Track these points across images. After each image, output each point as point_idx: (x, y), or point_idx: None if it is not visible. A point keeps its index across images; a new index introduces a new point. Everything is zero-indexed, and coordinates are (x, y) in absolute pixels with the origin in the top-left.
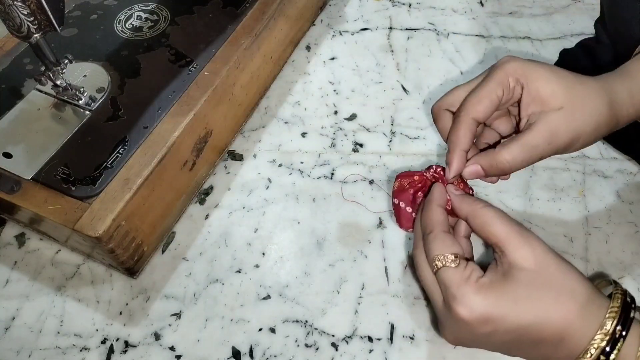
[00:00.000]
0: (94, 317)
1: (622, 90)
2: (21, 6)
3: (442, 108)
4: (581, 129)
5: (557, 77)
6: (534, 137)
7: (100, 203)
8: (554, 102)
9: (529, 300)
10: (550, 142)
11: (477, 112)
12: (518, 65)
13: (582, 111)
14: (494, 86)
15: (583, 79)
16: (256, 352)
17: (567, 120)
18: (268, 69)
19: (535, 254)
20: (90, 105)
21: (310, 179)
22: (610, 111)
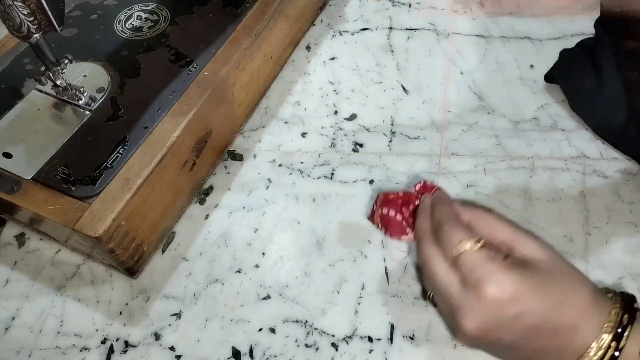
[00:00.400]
0: (94, 317)
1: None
2: (21, 6)
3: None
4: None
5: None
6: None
7: (100, 203)
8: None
9: (551, 285)
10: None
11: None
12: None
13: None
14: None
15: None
16: (256, 352)
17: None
18: (268, 69)
19: (544, 248)
20: (90, 105)
21: (310, 179)
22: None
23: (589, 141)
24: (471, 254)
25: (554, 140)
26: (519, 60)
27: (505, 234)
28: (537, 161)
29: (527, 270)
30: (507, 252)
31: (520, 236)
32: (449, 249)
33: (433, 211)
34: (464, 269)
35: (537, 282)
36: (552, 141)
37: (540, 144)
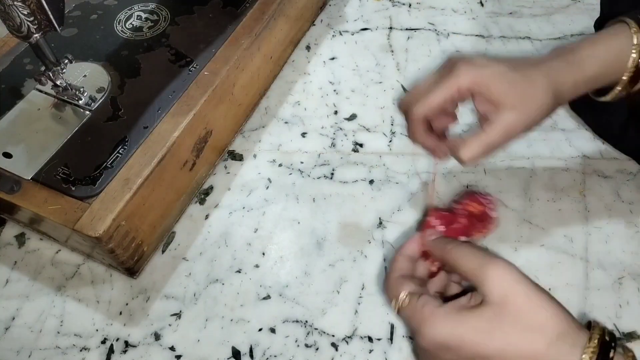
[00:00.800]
0: (94, 317)
1: (568, 81)
2: (21, 6)
3: (403, 108)
4: (532, 121)
5: (507, 83)
6: (492, 136)
7: (100, 203)
8: (506, 103)
9: (492, 332)
10: (506, 137)
11: (426, 113)
12: (470, 76)
13: (532, 108)
14: (444, 92)
15: (531, 76)
16: (256, 352)
17: (520, 118)
18: (268, 69)
19: (503, 287)
20: (90, 105)
21: (310, 179)
22: (554, 101)
23: (589, 141)
24: (403, 312)
25: (554, 140)
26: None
27: (468, 271)
28: (537, 161)
29: (469, 316)
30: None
31: (481, 273)
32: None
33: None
34: (406, 323)
35: (473, 329)
36: (552, 141)
37: (540, 144)
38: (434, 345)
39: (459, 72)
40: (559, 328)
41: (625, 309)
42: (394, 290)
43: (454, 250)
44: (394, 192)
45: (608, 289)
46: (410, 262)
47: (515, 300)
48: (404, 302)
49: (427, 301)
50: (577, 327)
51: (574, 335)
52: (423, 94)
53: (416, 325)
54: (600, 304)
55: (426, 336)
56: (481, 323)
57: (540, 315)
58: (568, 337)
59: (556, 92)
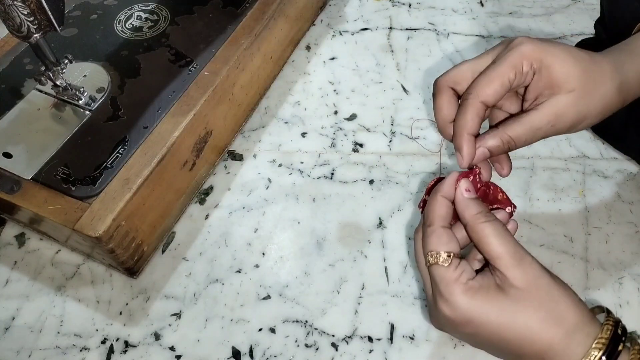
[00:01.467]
0: (94, 317)
1: (632, 70)
2: (21, 6)
3: (446, 84)
4: (588, 111)
5: (573, 59)
6: (539, 119)
7: (100, 203)
8: (567, 86)
9: (515, 315)
10: (555, 125)
11: (487, 95)
12: (534, 49)
13: (593, 95)
14: (507, 69)
15: (597, 59)
16: (256, 352)
17: (576, 103)
18: (268, 69)
19: (527, 276)
20: (90, 105)
21: (310, 179)
22: (619, 94)
23: (589, 141)
24: (437, 270)
25: (554, 140)
26: None
27: (492, 254)
28: (537, 161)
29: (495, 294)
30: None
31: (506, 261)
32: (425, 255)
33: (427, 205)
34: (431, 279)
35: (499, 308)
36: (552, 141)
37: (540, 144)
38: (460, 316)
39: (521, 45)
40: (576, 319)
41: (625, 309)
42: (435, 243)
43: (481, 227)
44: (394, 192)
45: (608, 289)
46: (449, 207)
47: (539, 290)
48: (444, 260)
49: (464, 269)
50: (591, 319)
51: (589, 326)
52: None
53: (447, 292)
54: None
55: (456, 306)
56: (507, 305)
57: (560, 305)
58: (584, 328)
59: (622, 84)
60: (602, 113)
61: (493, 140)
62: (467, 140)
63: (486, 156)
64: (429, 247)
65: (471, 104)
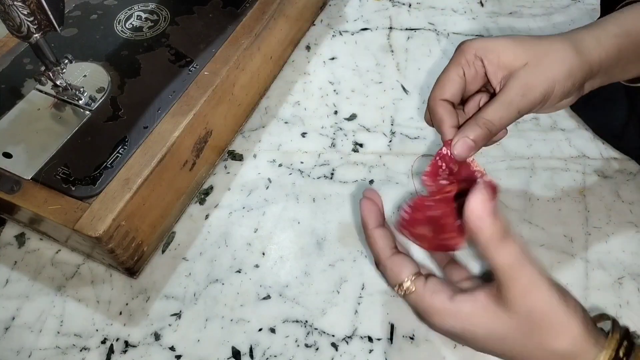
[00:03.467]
0: (94, 317)
1: (588, 38)
2: (21, 6)
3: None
4: (552, 76)
5: (514, 41)
6: (507, 94)
7: (100, 203)
8: (518, 62)
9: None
10: (524, 94)
11: (443, 93)
12: (474, 42)
13: (548, 60)
14: (453, 67)
15: (543, 37)
16: (256, 352)
17: (535, 71)
18: (268, 69)
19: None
20: (90, 105)
21: (310, 179)
22: (578, 56)
23: (589, 141)
24: (410, 297)
25: (554, 140)
26: None
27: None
28: (537, 161)
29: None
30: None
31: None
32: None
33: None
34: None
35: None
36: (552, 141)
37: (540, 144)
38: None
39: (462, 45)
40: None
41: (625, 309)
42: (394, 276)
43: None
44: (394, 192)
45: (608, 289)
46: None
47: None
48: (408, 289)
49: (435, 289)
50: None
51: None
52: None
53: (426, 315)
54: (600, 304)
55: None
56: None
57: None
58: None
59: (577, 47)
60: (569, 76)
61: (471, 128)
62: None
63: (471, 147)
64: (392, 282)
65: (434, 105)
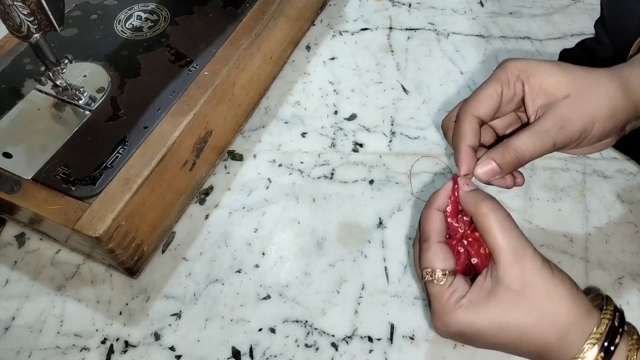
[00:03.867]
0: (94, 317)
1: (634, 75)
2: (21, 6)
3: (452, 120)
4: (593, 112)
5: (560, 68)
6: (544, 123)
7: (100, 203)
8: (560, 92)
9: (508, 320)
10: (562, 127)
11: (477, 109)
12: (518, 63)
13: (592, 96)
14: (493, 84)
15: (589, 69)
16: (256, 352)
17: (577, 105)
18: (268, 69)
19: (524, 275)
20: (90, 105)
21: (310, 179)
22: (624, 95)
23: None
24: (432, 287)
25: None
26: None
27: (494, 248)
28: (537, 161)
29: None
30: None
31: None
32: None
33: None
34: (427, 294)
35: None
36: None
37: None
38: (453, 332)
39: (505, 63)
40: (571, 317)
41: (625, 309)
42: (431, 260)
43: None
44: (394, 192)
45: (608, 289)
46: (443, 220)
47: (534, 291)
48: (439, 279)
49: (457, 287)
50: (588, 314)
51: (584, 322)
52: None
53: (439, 310)
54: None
55: (448, 324)
56: (500, 312)
57: (555, 305)
58: (579, 325)
59: (623, 84)
60: (612, 115)
61: (500, 152)
62: (464, 151)
63: (496, 172)
64: (425, 264)
65: (464, 119)
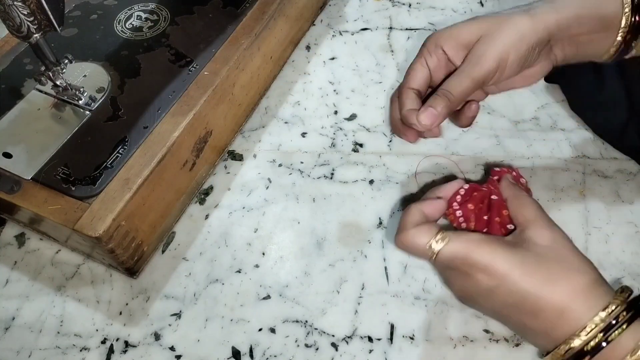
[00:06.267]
0: (94, 317)
1: (542, 5)
2: (21, 6)
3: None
4: (503, 42)
5: (469, 21)
6: (462, 65)
7: (100, 203)
8: (473, 38)
9: (536, 267)
10: (476, 63)
11: (410, 83)
12: (434, 34)
13: (500, 30)
14: (418, 59)
15: (499, 12)
16: (256, 352)
17: (486, 41)
18: (268, 69)
19: (554, 237)
20: (90, 105)
21: (310, 179)
22: (531, 20)
23: (589, 141)
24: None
25: (554, 140)
26: None
27: (529, 217)
28: (537, 161)
29: (517, 249)
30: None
31: (540, 222)
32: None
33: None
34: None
35: (521, 260)
36: (552, 141)
37: (540, 144)
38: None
39: (426, 39)
40: (596, 275)
41: None
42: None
43: (524, 198)
44: (394, 192)
45: None
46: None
47: (563, 248)
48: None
49: (470, 233)
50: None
51: (607, 284)
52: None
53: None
54: None
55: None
56: (529, 256)
57: (580, 262)
58: (603, 284)
59: (529, 13)
60: (521, 39)
61: (434, 99)
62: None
63: (435, 115)
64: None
65: (402, 92)
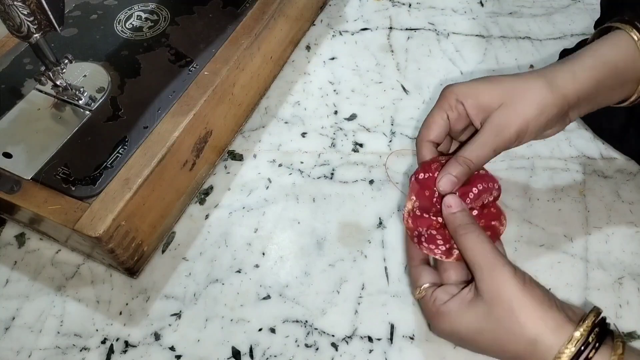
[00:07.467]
0: (94, 317)
1: (562, 73)
2: (21, 6)
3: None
4: (524, 115)
5: (490, 83)
6: (483, 135)
7: (100, 203)
8: (494, 104)
9: (482, 329)
10: (497, 134)
11: (429, 135)
12: (455, 87)
13: (521, 100)
14: (438, 111)
15: (520, 75)
16: (256, 352)
17: (508, 111)
18: (268, 69)
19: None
20: (90, 105)
21: (310, 179)
22: (551, 92)
23: (589, 141)
24: (422, 303)
25: (554, 140)
26: (518, 60)
27: (472, 264)
28: (537, 161)
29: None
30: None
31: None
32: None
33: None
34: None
35: (469, 325)
36: (552, 141)
37: (540, 144)
38: (441, 335)
39: (444, 90)
40: (538, 331)
41: (625, 309)
42: (415, 280)
43: (464, 239)
44: (394, 192)
45: (608, 289)
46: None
47: (501, 302)
48: (423, 292)
49: (436, 297)
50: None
51: (552, 337)
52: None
53: (428, 317)
54: (600, 304)
55: (434, 329)
56: (473, 322)
57: (521, 318)
58: (546, 340)
59: (550, 82)
60: (542, 113)
61: (453, 165)
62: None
63: (454, 182)
64: (412, 285)
65: (420, 146)
